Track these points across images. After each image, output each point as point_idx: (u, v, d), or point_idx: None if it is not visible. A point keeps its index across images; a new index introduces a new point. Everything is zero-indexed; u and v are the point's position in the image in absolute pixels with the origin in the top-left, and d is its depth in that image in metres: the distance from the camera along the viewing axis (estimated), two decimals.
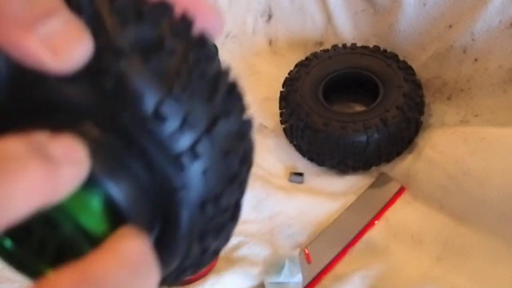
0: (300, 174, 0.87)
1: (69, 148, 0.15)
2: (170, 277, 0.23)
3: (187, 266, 0.23)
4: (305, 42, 1.11)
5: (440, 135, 0.80)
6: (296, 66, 0.96)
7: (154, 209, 0.19)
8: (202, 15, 0.20)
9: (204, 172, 0.19)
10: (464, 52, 0.84)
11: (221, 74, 0.20)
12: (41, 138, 0.14)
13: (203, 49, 0.19)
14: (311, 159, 0.88)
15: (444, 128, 0.82)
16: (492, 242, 0.67)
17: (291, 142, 0.90)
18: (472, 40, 0.82)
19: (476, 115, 0.81)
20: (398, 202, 0.80)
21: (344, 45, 0.96)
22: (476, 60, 0.82)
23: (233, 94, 0.20)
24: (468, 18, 0.82)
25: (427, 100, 0.89)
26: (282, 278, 0.68)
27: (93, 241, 0.16)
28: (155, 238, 0.20)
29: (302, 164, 0.89)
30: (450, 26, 0.86)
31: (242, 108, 0.21)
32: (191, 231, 0.21)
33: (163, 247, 0.20)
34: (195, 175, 0.19)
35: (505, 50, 0.78)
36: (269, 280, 0.68)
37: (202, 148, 0.19)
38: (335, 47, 0.96)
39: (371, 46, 0.94)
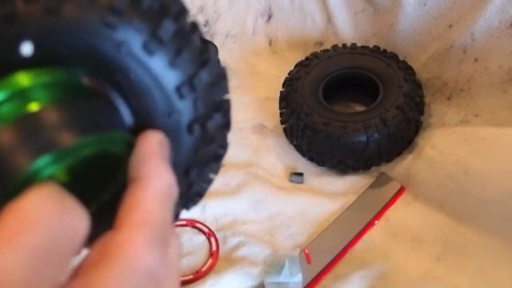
0: (300, 174, 0.87)
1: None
2: None
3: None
4: (305, 42, 1.11)
5: (440, 135, 0.80)
6: (296, 66, 0.96)
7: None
8: None
9: (195, 100, 0.23)
10: (464, 52, 0.84)
11: (194, 23, 0.24)
12: None
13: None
14: (311, 159, 0.88)
15: (444, 128, 0.82)
16: (492, 242, 0.67)
17: (291, 142, 0.90)
18: (472, 40, 0.82)
19: (476, 115, 0.81)
20: (398, 202, 0.80)
21: (344, 45, 0.96)
22: (476, 60, 0.82)
23: (209, 43, 0.25)
24: (468, 18, 0.82)
25: (427, 100, 0.89)
26: (282, 278, 0.68)
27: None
28: None
29: (302, 164, 0.89)
30: (450, 26, 0.86)
31: (217, 51, 0.26)
32: (180, 156, 0.24)
33: None
34: (188, 103, 0.23)
35: (505, 50, 0.78)
36: (269, 280, 0.68)
37: (197, 80, 0.23)
38: (335, 47, 0.96)
39: (371, 46, 0.94)
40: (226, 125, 0.26)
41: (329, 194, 0.83)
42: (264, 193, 0.83)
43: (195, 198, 0.28)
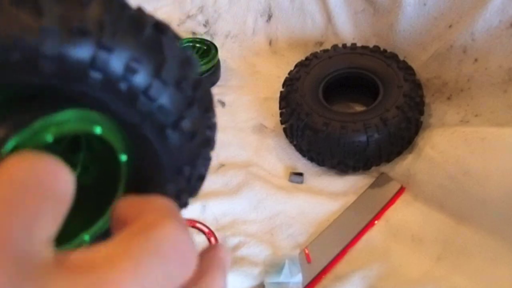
0: (300, 174, 0.87)
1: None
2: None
3: (180, 192, 0.25)
4: (305, 42, 1.11)
5: (440, 135, 0.80)
6: (296, 66, 0.96)
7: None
8: None
9: (160, 107, 0.21)
10: (464, 52, 0.83)
11: (143, 15, 0.21)
12: None
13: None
14: (311, 159, 0.88)
15: (444, 128, 0.82)
16: (492, 242, 0.67)
17: (291, 142, 0.90)
18: (472, 40, 0.82)
19: (476, 115, 0.81)
20: (398, 202, 0.80)
21: (344, 45, 0.96)
22: (476, 60, 0.82)
23: (163, 30, 0.21)
24: (468, 18, 0.82)
25: (427, 100, 0.89)
26: (282, 278, 0.68)
27: None
28: (138, 173, 0.23)
29: (302, 164, 0.89)
30: (450, 26, 0.86)
31: (176, 38, 0.22)
32: (166, 159, 0.23)
33: (146, 177, 0.24)
34: (151, 111, 0.21)
35: (505, 50, 0.78)
36: (269, 280, 0.68)
37: (155, 91, 0.20)
38: (335, 47, 0.96)
39: (371, 46, 0.94)
40: (207, 110, 0.24)
41: (329, 194, 0.83)
42: (264, 193, 0.83)
43: (198, 183, 0.27)
